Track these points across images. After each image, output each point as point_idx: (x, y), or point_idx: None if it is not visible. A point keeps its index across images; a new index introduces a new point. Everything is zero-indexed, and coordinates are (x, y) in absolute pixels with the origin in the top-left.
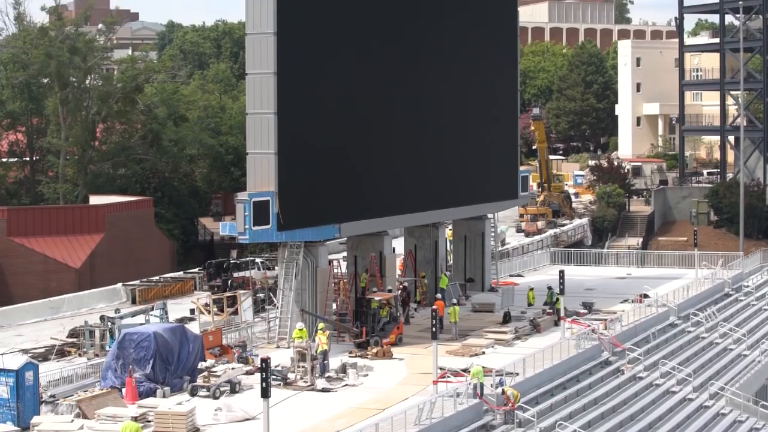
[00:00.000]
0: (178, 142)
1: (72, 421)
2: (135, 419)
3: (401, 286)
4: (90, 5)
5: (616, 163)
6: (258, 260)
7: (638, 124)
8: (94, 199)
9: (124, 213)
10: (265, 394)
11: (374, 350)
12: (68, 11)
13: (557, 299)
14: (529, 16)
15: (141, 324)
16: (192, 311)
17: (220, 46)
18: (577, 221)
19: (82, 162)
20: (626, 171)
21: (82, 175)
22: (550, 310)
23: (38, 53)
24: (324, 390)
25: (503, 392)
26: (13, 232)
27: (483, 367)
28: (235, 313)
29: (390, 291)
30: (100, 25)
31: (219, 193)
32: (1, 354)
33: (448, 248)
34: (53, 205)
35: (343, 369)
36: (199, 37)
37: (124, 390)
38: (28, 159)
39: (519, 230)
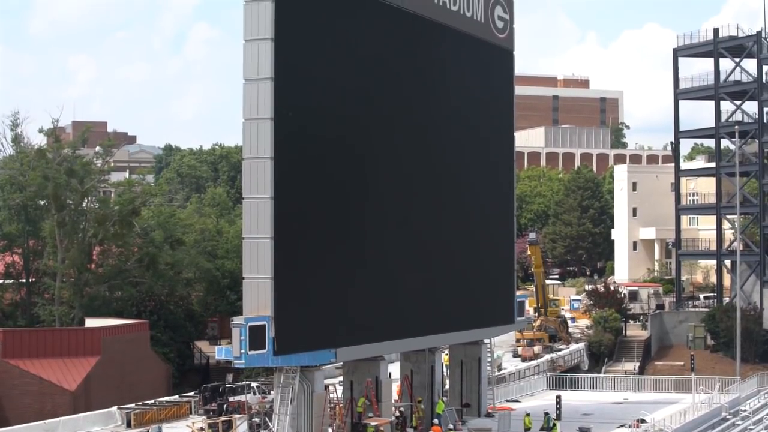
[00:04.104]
0: (174, 266)
1: None
2: None
3: (398, 411)
4: (87, 128)
5: (612, 288)
6: (254, 384)
7: (634, 248)
8: (90, 322)
9: (120, 336)
10: None
11: None
12: (66, 134)
13: (554, 424)
14: (525, 140)
15: None
16: None
17: (217, 170)
18: (573, 346)
19: (78, 284)
20: (623, 295)
21: (78, 298)
22: None
23: (35, 175)
24: None
25: None
26: (8, 354)
27: None
28: None
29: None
30: (97, 148)
31: (215, 317)
32: None
33: (445, 373)
34: (49, 327)
35: None
36: (196, 161)
37: None
38: (24, 281)
39: (515, 355)
